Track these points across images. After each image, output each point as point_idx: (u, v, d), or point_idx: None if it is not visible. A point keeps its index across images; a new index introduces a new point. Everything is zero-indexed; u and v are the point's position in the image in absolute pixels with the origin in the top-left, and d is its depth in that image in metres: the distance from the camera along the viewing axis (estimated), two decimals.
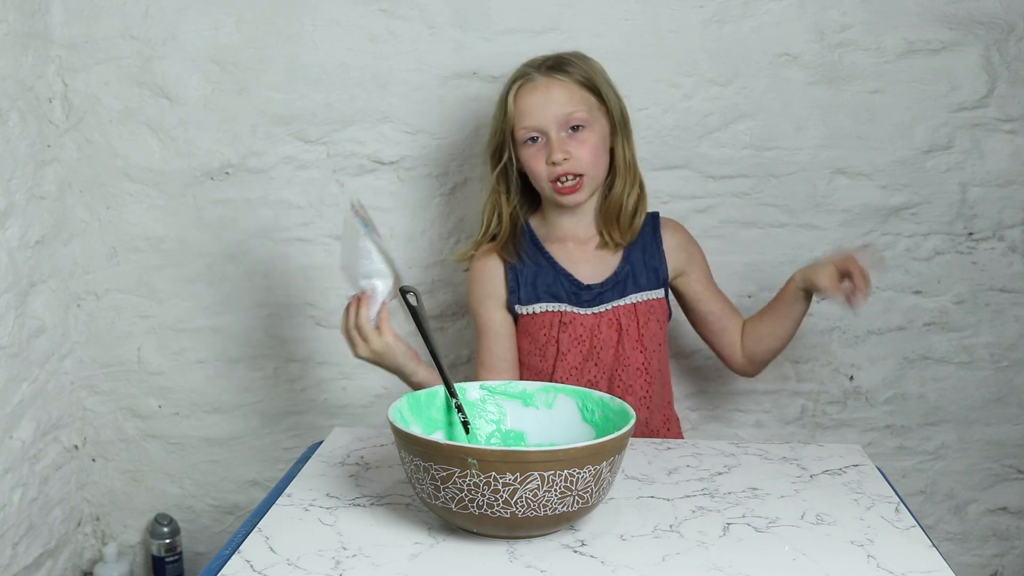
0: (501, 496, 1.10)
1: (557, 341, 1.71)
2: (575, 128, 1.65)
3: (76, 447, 2.13)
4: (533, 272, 1.73)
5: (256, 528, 1.22)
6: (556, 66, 1.67)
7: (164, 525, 2.13)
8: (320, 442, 1.53)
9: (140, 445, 2.15)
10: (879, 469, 1.44)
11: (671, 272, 1.77)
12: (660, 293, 1.75)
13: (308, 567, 1.11)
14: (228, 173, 2.04)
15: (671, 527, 1.22)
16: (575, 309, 1.71)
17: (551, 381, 1.69)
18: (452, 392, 1.33)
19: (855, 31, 1.96)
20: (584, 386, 1.68)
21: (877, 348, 2.08)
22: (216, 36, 1.99)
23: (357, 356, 1.54)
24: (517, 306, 1.73)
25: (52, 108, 2.00)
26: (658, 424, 1.76)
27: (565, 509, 1.13)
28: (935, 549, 1.18)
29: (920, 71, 1.98)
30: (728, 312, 1.81)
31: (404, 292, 1.40)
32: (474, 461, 1.09)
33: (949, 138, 2.00)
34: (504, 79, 1.97)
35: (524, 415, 1.36)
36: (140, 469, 2.17)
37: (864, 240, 2.03)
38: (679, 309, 1.84)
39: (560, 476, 1.10)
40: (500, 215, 1.75)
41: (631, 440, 1.44)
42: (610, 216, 1.73)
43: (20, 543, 1.93)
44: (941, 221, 2.03)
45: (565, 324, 1.71)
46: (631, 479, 1.37)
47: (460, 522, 1.16)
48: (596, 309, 1.72)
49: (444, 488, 1.13)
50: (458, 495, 1.12)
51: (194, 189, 2.04)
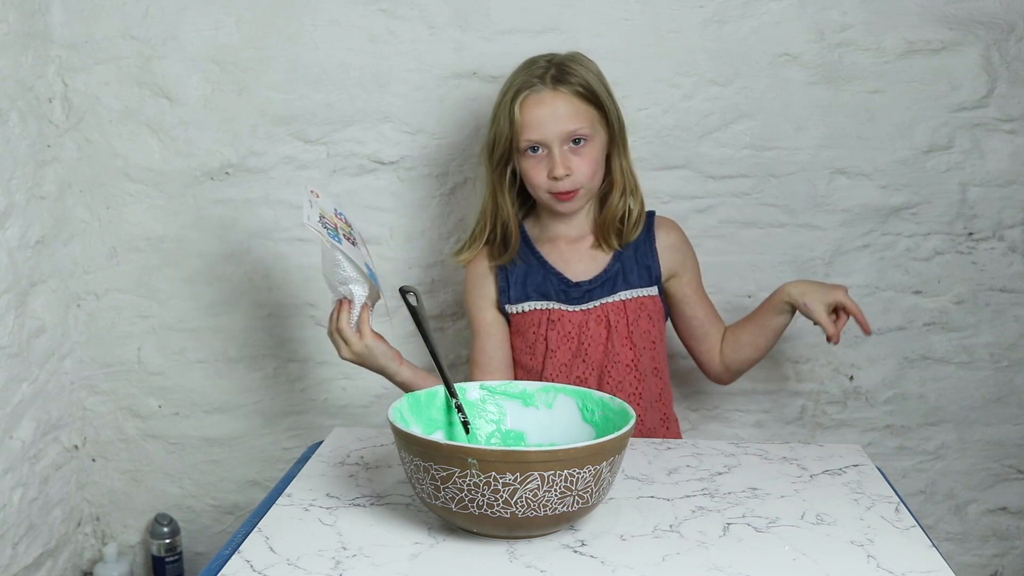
0: (501, 496, 1.10)
1: (546, 339, 1.72)
2: (576, 141, 1.65)
3: (76, 447, 2.13)
4: (523, 272, 1.74)
5: (256, 528, 1.22)
6: (560, 77, 1.65)
7: (164, 525, 2.13)
8: (320, 442, 1.53)
9: (140, 445, 2.15)
10: (879, 469, 1.44)
11: (664, 272, 1.77)
12: (653, 291, 1.75)
13: (308, 567, 1.11)
14: (228, 173, 2.04)
15: (671, 527, 1.22)
16: (563, 307, 1.72)
17: (541, 378, 1.70)
18: (452, 392, 1.33)
19: (855, 31, 1.96)
20: (573, 383, 1.69)
21: (877, 348, 2.08)
22: (216, 36, 1.99)
23: (342, 358, 1.61)
24: (507, 306, 1.74)
25: (52, 108, 2.00)
26: (655, 423, 1.76)
27: (565, 509, 1.13)
28: (935, 549, 1.18)
29: (920, 71, 1.98)
30: (712, 319, 1.82)
31: (404, 292, 1.40)
32: (474, 461, 1.09)
33: (949, 138, 2.00)
34: (504, 80, 1.97)
35: (524, 415, 1.36)
36: (140, 469, 2.17)
37: (864, 240, 2.03)
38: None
39: (560, 476, 1.10)
40: (497, 219, 1.75)
41: (631, 440, 1.44)
42: (607, 225, 1.74)
43: (20, 543, 1.93)
44: (941, 221, 2.03)
45: (553, 322, 1.72)
46: (631, 479, 1.37)
47: (460, 522, 1.16)
48: (584, 306, 1.72)
49: (444, 488, 1.13)
50: (458, 495, 1.12)
51: (194, 189, 2.04)
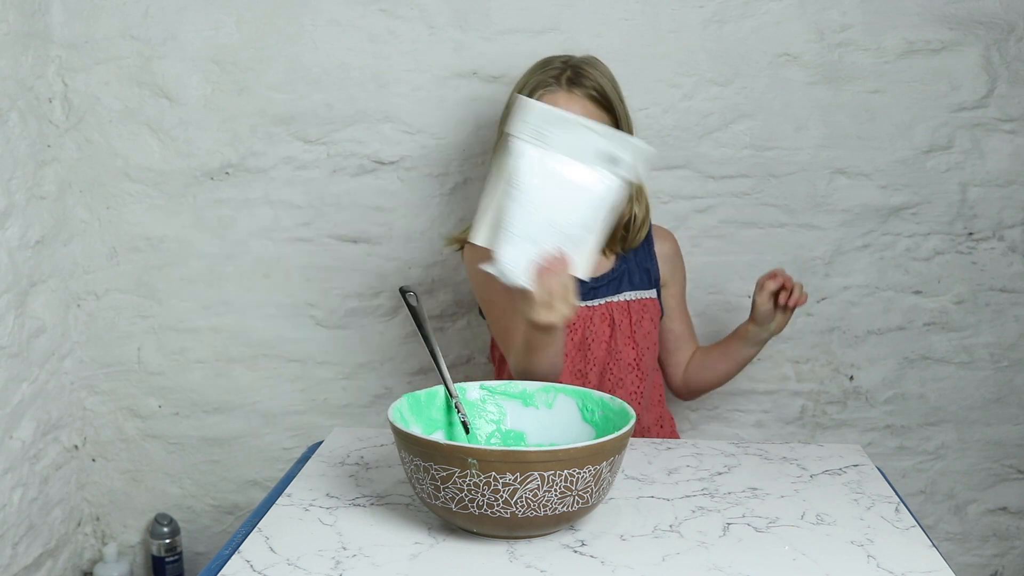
0: (501, 496, 1.10)
1: None
2: None
3: (76, 447, 2.13)
4: None
5: (256, 528, 1.22)
6: (575, 79, 1.63)
7: (164, 525, 2.12)
8: (320, 442, 1.53)
9: (140, 445, 2.15)
10: (879, 469, 1.44)
11: (661, 278, 1.78)
12: (653, 294, 1.76)
13: (308, 567, 1.11)
14: (228, 173, 2.04)
15: (671, 527, 1.22)
16: None
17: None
18: (452, 392, 1.33)
19: (855, 31, 1.96)
20: (575, 377, 1.69)
21: (877, 348, 2.08)
22: (216, 36, 1.99)
23: (546, 322, 1.38)
24: None
25: (52, 108, 2.00)
26: (650, 422, 1.77)
27: (565, 509, 1.13)
28: (935, 549, 1.18)
29: (920, 71, 1.98)
30: (687, 336, 1.84)
31: (404, 292, 1.40)
32: (474, 461, 1.09)
33: (949, 138, 2.00)
34: (504, 79, 1.97)
35: (524, 415, 1.36)
36: (140, 469, 2.16)
37: (864, 240, 2.03)
38: None
39: (560, 476, 1.10)
40: None
41: (631, 440, 1.44)
42: (612, 230, 1.72)
43: (20, 543, 1.93)
44: (941, 221, 2.03)
45: None
46: (631, 479, 1.37)
47: (460, 522, 1.16)
48: (589, 302, 1.72)
49: (444, 488, 1.13)
50: (458, 495, 1.12)
51: (194, 189, 2.04)
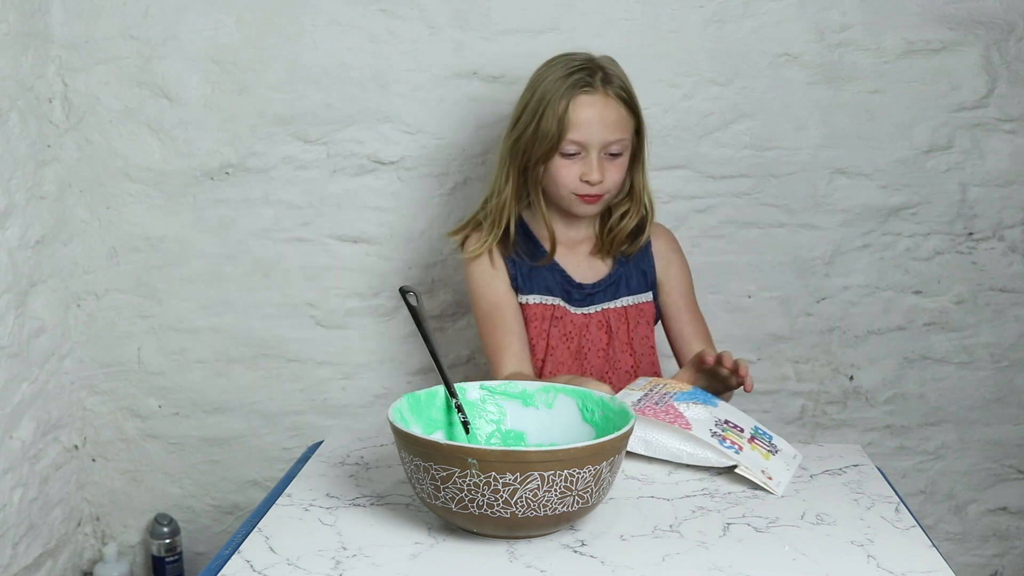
0: (501, 496, 1.10)
1: (547, 335, 1.71)
2: (614, 152, 1.64)
3: (76, 447, 2.13)
4: (530, 266, 1.72)
5: (256, 528, 1.21)
6: (607, 80, 1.63)
7: (164, 525, 2.12)
8: (320, 442, 1.53)
9: (140, 445, 2.15)
10: (879, 469, 1.44)
11: (657, 277, 1.77)
12: (648, 296, 1.75)
13: (308, 567, 1.11)
14: (228, 173, 2.04)
15: (671, 527, 1.22)
16: (566, 306, 1.71)
17: (541, 376, 1.69)
18: (452, 392, 1.33)
19: (855, 31, 1.96)
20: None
21: (877, 348, 2.08)
22: (216, 36, 1.99)
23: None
24: (518, 294, 1.72)
25: (52, 108, 2.00)
26: None
27: (565, 509, 1.13)
28: (935, 549, 1.18)
29: (920, 71, 1.98)
30: (697, 336, 1.74)
31: (404, 292, 1.40)
32: (474, 461, 1.09)
33: (949, 138, 2.00)
34: (504, 79, 1.96)
35: (524, 415, 1.36)
36: (140, 469, 2.16)
37: (864, 240, 2.03)
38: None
39: (560, 476, 1.10)
40: (507, 213, 1.71)
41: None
42: (613, 238, 1.72)
43: (20, 543, 1.93)
44: (941, 221, 2.03)
45: (557, 319, 1.71)
46: (631, 479, 1.37)
47: (460, 522, 1.16)
48: (585, 310, 1.72)
49: (444, 488, 1.13)
50: (458, 495, 1.12)
51: (194, 189, 2.04)
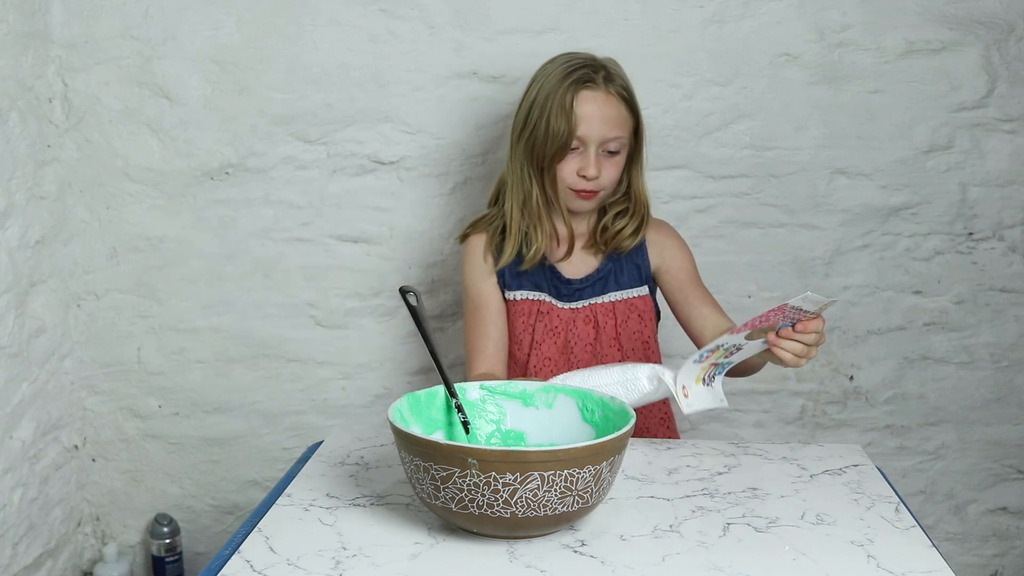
0: (501, 496, 1.10)
1: (533, 330, 1.71)
2: (612, 150, 1.64)
3: (76, 447, 2.13)
4: (518, 261, 1.72)
5: (256, 528, 1.21)
6: (610, 78, 1.62)
7: (164, 525, 2.12)
8: (320, 442, 1.53)
9: (140, 445, 2.15)
10: (879, 469, 1.44)
11: (652, 268, 1.74)
12: (643, 291, 1.74)
13: (308, 567, 1.11)
14: (228, 173, 2.04)
15: (671, 527, 1.22)
16: (553, 301, 1.71)
17: (526, 371, 1.69)
18: (452, 392, 1.33)
19: (855, 31, 1.96)
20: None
21: (877, 348, 2.08)
22: (216, 36, 1.99)
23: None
24: (504, 290, 1.72)
25: (52, 108, 2.00)
26: (654, 423, 1.76)
27: (565, 509, 1.13)
28: (935, 549, 1.18)
29: (920, 71, 1.98)
30: (711, 320, 1.69)
31: (404, 292, 1.40)
32: (474, 461, 1.09)
33: (949, 138, 2.00)
34: (504, 79, 1.96)
35: (524, 415, 1.36)
36: (140, 469, 2.16)
37: (864, 240, 2.03)
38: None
39: (560, 476, 1.10)
40: (516, 211, 1.68)
41: (631, 440, 1.44)
42: (606, 237, 1.71)
43: (20, 543, 1.93)
44: (941, 221, 2.03)
45: (542, 314, 1.71)
46: (631, 479, 1.37)
47: (460, 522, 1.16)
48: (572, 304, 1.71)
49: (444, 488, 1.13)
50: (458, 495, 1.12)
51: (194, 189, 2.04)
